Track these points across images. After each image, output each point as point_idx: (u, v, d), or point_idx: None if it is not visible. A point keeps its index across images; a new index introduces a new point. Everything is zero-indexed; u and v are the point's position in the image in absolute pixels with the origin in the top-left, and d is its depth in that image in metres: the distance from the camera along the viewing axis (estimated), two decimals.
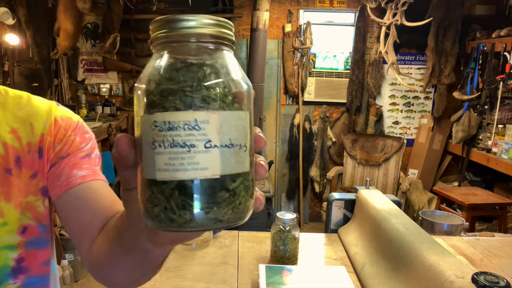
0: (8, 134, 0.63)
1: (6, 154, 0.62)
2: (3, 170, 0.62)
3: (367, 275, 1.21)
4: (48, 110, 0.68)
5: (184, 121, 0.33)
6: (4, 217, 0.61)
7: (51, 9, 3.61)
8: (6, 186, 0.62)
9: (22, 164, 0.64)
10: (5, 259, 0.62)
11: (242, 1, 3.89)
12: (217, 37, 0.35)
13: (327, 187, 3.99)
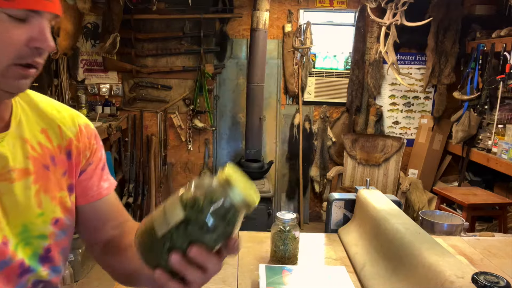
0: (40, 133, 0.69)
1: (42, 152, 0.68)
2: (42, 166, 0.68)
3: (367, 275, 1.21)
4: (72, 117, 0.75)
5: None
6: (42, 208, 0.67)
7: None
8: (45, 180, 0.68)
9: (56, 163, 0.70)
10: (36, 247, 0.67)
11: (242, 1, 3.88)
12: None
13: (327, 187, 3.99)
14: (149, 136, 4.03)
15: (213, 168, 4.16)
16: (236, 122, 4.11)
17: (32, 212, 0.66)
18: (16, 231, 0.64)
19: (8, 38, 0.54)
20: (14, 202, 0.64)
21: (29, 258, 0.66)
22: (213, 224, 0.49)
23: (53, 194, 0.69)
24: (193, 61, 3.93)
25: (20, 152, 0.65)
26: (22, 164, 0.65)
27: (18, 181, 0.64)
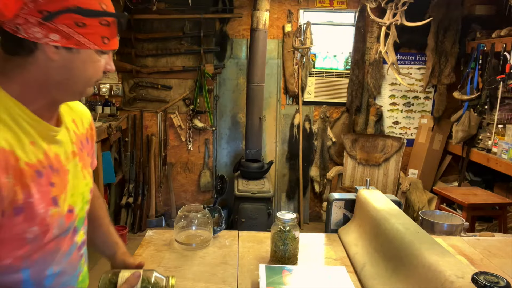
0: (72, 123, 0.89)
1: (77, 138, 0.89)
2: (79, 148, 0.89)
3: (367, 275, 1.21)
4: (85, 111, 0.98)
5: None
6: (86, 180, 0.90)
7: None
8: (82, 159, 0.90)
9: (84, 146, 0.92)
10: (84, 212, 0.89)
11: (242, 1, 3.88)
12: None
13: (327, 187, 3.99)
14: (149, 136, 4.03)
15: (213, 167, 4.16)
16: (236, 122, 4.11)
17: (82, 183, 0.88)
18: (79, 200, 0.85)
19: (99, 66, 0.79)
20: (73, 177, 0.85)
21: (78, 220, 0.86)
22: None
23: (87, 169, 0.92)
24: (193, 61, 3.93)
25: (68, 138, 0.85)
26: (71, 147, 0.86)
27: (74, 158, 0.86)
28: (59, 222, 0.78)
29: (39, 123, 0.76)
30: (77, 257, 0.88)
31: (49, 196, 0.76)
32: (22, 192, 0.70)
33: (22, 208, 0.70)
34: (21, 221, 0.71)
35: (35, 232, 0.73)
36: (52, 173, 0.77)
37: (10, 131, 0.70)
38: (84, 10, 0.71)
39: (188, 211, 1.48)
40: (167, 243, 1.45)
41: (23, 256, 0.73)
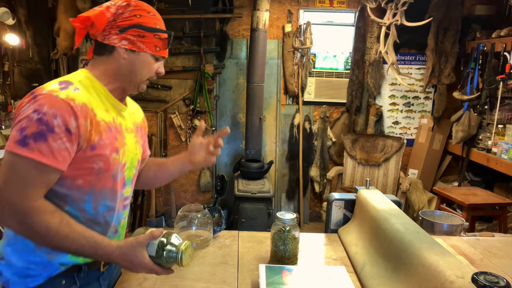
0: (132, 114, 1.24)
1: (136, 122, 1.24)
2: (136, 129, 1.23)
3: (367, 275, 1.21)
4: (141, 110, 1.33)
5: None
6: (137, 150, 1.21)
7: (51, 9, 3.61)
8: (137, 138, 1.22)
9: (138, 131, 1.24)
10: (132, 173, 1.20)
11: (242, 1, 3.89)
12: None
13: (327, 187, 3.99)
14: (149, 136, 4.03)
15: (213, 167, 4.16)
16: (236, 122, 4.11)
17: (133, 152, 1.19)
18: (129, 160, 1.16)
19: (152, 68, 1.13)
20: (130, 144, 1.17)
21: (127, 178, 1.18)
22: (164, 259, 1.00)
23: (139, 145, 1.23)
24: (193, 61, 3.93)
25: (130, 119, 1.20)
26: (131, 125, 1.20)
27: (131, 133, 1.18)
28: (117, 167, 1.10)
29: (112, 99, 1.11)
30: (121, 205, 1.17)
31: (114, 146, 1.08)
32: (97, 136, 1.02)
33: (95, 146, 1.02)
34: (93, 155, 1.02)
35: (100, 165, 1.04)
36: (117, 132, 1.11)
37: (93, 98, 1.05)
38: (143, 26, 1.10)
39: (188, 211, 1.48)
40: None
41: (90, 182, 1.04)
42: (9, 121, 3.09)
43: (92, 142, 1.01)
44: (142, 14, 1.11)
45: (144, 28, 1.09)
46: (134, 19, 1.09)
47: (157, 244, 1.00)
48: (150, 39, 1.10)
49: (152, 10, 1.15)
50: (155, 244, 1.00)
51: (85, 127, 0.98)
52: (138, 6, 1.12)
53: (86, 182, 1.03)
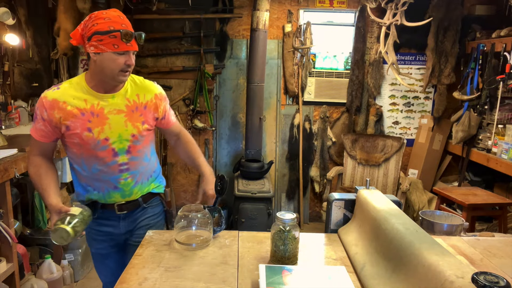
0: (135, 95, 1.53)
1: (132, 103, 1.52)
2: (130, 110, 1.51)
3: (367, 275, 1.21)
4: (152, 88, 1.59)
5: None
6: (127, 128, 1.50)
7: (51, 9, 3.61)
8: (130, 116, 1.51)
9: (138, 109, 1.53)
10: (124, 145, 1.51)
11: (242, 1, 3.88)
12: None
13: (327, 187, 3.99)
14: None
15: (213, 167, 4.16)
16: (236, 122, 4.11)
17: (122, 129, 1.48)
18: (115, 136, 1.48)
19: (119, 62, 1.40)
20: (115, 123, 1.47)
21: (118, 149, 1.50)
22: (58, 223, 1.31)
23: (133, 123, 1.50)
24: (193, 61, 3.93)
25: (122, 102, 1.49)
26: (122, 107, 1.49)
27: (118, 114, 1.48)
28: (94, 142, 1.45)
29: (91, 91, 1.46)
30: (116, 168, 1.52)
31: (85, 126, 1.44)
32: (69, 120, 1.43)
33: (69, 128, 1.44)
34: (70, 133, 1.45)
35: (78, 141, 1.46)
36: (92, 115, 1.44)
37: (75, 92, 1.45)
38: (100, 32, 1.36)
39: (188, 211, 1.48)
40: (167, 243, 1.45)
41: (78, 151, 1.49)
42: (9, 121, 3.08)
43: (66, 124, 1.43)
44: (98, 22, 1.36)
45: (100, 33, 1.36)
46: (93, 28, 1.36)
47: (63, 216, 1.35)
48: (107, 40, 1.36)
49: (108, 15, 1.38)
50: (62, 215, 1.35)
51: (53, 115, 1.42)
52: (95, 16, 1.38)
53: (76, 150, 1.49)
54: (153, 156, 1.69)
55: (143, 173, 1.61)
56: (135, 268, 1.27)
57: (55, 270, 2.64)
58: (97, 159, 1.48)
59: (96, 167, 1.50)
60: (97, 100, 1.45)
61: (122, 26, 1.38)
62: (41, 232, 2.80)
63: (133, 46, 1.41)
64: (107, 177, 1.52)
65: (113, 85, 1.47)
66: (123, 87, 1.51)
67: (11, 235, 2.23)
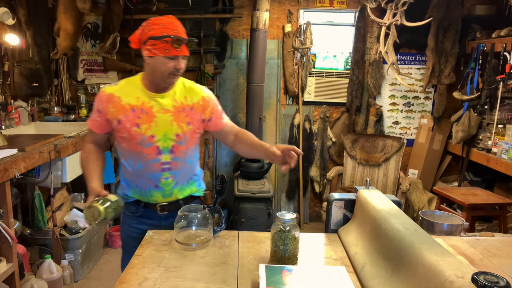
0: (183, 97, 1.60)
1: (180, 104, 1.59)
2: (177, 110, 1.57)
3: (367, 275, 1.21)
4: (200, 91, 1.64)
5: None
6: (172, 127, 1.57)
7: (51, 9, 3.61)
8: (176, 116, 1.58)
9: (184, 110, 1.59)
10: (168, 144, 1.57)
11: (242, 1, 3.89)
12: None
13: (327, 187, 3.99)
14: None
15: (213, 167, 4.16)
16: (236, 122, 4.04)
17: (167, 128, 1.56)
18: (160, 134, 1.55)
19: (168, 66, 1.49)
20: (161, 122, 1.55)
21: (162, 147, 1.56)
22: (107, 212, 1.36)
23: (178, 123, 1.57)
24: (193, 61, 3.93)
25: (170, 103, 1.57)
26: (169, 107, 1.57)
27: (165, 114, 1.56)
28: (141, 138, 1.54)
29: (144, 90, 1.57)
30: (158, 167, 1.58)
31: (134, 122, 1.53)
32: (121, 115, 1.53)
33: (121, 121, 1.54)
34: (120, 127, 1.54)
35: (127, 136, 1.55)
36: (142, 112, 1.54)
37: (129, 89, 1.57)
38: (154, 37, 1.46)
39: (188, 211, 1.48)
40: (167, 243, 1.45)
41: (127, 146, 1.57)
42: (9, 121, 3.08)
43: (118, 118, 1.54)
44: (153, 28, 1.47)
45: (154, 38, 1.46)
46: (148, 33, 1.47)
47: (99, 198, 1.41)
48: (159, 45, 1.46)
49: (162, 22, 1.48)
50: (99, 197, 1.43)
51: (108, 108, 1.54)
52: (152, 22, 1.49)
53: (125, 145, 1.58)
54: (195, 160, 1.72)
55: (184, 175, 1.65)
56: (135, 268, 1.27)
57: (55, 270, 2.64)
58: (142, 155, 1.56)
59: (140, 163, 1.57)
60: (148, 98, 1.55)
61: (174, 32, 1.46)
62: (41, 232, 2.80)
63: (183, 51, 1.49)
64: (149, 175, 1.58)
65: (163, 86, 1.55)
66: (172, 89, 1.58)
67: (11, 235, 2.23)
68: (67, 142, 2.76)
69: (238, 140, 1.71)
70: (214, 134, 1.73)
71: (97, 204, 1.34)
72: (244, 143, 1.69)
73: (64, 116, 3.59)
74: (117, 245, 3.50)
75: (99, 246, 3.31)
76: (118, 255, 3.39)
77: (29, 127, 3.27)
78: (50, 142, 2.67)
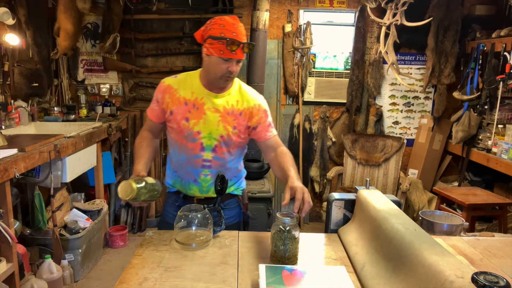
0: (235, 100, 1.62)
1: (230, 107, 1.61)
2: (227, 112, 1.60)
3: (367, 275, 1.21)
4: (253, 99, 1.65)
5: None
6: (218, 127, 1.60)
7: (51, 9, 3.61)
8: (224, 118, 1.60)
9: (233, 114, 1.61)
10: (211, 142, 1.61)
11: (242, 1, 3.89)
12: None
13: (327, 187, 3.99)
14: None
15: None
16: None
17: (213, 127, 1.59)
18: (206, 131, 1.59)
19: (222, 67, 1.50)
20: (209, 120, 1.58)
21: (206, 145, 1.61)
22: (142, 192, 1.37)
23: (224, 125, 1.59)
24: (193, 61, 3.93)
25: (221, 104, 1.60)
26: (219, 108, 1.59)
27: (214, 113, 1.59)
28: (188, 132, 1.59)
29: (200, 86, 1.61)
30: (199, 163, 1.63)
31: (184, 115, 1.59)
32: (174, 106, 1.60)
33: (173, 112, 1.60)
34: (171, 118, 1.61)
35: (175, 126, 1.61)
36: (193, 107, 1.59)
37: (187, 83, 1.62)
38: (212, 37, 1.47)
39: (188, 211, 1.48)
40: (167, 243, 1.45)
41: (175, 137, 1.64)
42: (9, 121, 3.08)
43: (170, 109, 1.60)
44: (214, 27, 1.49)
45: (212, 38, 1.47)
46: (209, 32, 1.49)
47: (137, 178, 1.43)
48: (216, 45, 1.47)
49: (223, 22, 1.49)
50: (137, 177, 1.45)
51: (164, 98, 1.62)
52: (214, 21, 1.51)
53: (173, 136, 1.65)
54: (238, 164, 1.75)
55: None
56: (135, 268, 1.27)
57: (55, 270, 2.64)
58: (186, 149, 1.62)
59: (184, 156, 1.64)
60: (202, 95, 1.59)
61: (232, 35, 1.46)
62: (41, 232, 2.80)
63: (237, 54, 1.48)
64: (190, 169, 1.64)
65: (217, 86, 1.58)
66: (227, 91, 1.61)
67: (11, 235, 2.23)
68: (67, 142, 2.76)
69: (275, 160, 1.63)
70: (258, 145, 1.71)
71: (132, 181, 1.35)
72: (277, 164, 1.61)
73: (64, 116, 3.60)
74: (117, 245, 3.50)
75: (99, 246, 3.31)
76: (118, 255, 3.40)
77: (29, 127, 3.27)
78: (50, 142, 2.67)
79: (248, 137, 1.68)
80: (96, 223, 3.10)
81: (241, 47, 1.48)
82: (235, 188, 1.76)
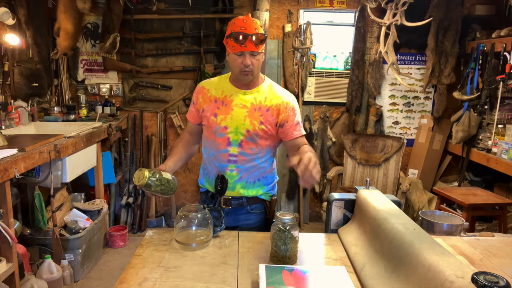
0: (263, 97, 1.65)
1: (258, 104, 1.64)
2: (253, 108, 1.64)
3: (367, 275, 1.21)
4: (283, 97, 1.67)
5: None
6: (245, 122, 1.63)
7: (51, 9, 3.61)
8: (251, 113, 1.63)
9: (260, 109, 1.64)
10: (238, 137, 1.65)
11: (242, 1, 3.88)
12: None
13: (327, 187, 3.99)
14: (149, 136, 4.03)
15: None
16: None
17: (240, 122, 1.63)
18: (233, 126, 1.63)
19: (238, 62, 1.56)
20: (236, 116, 1.63)
21: (233, 140, 1.64)
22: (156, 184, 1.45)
23: (251, 120, 1.62)
24: (193, 61, 3.93)
25: (249, 100, 1.65)
26: (247, 104, 1.64)
27: (242, 109, 1.64)
28: (216, 127, 1.65)
29: (228, 84, 1.68)
30: (226, 157, 1.66)
31: (213, 111, 1.66)
32: (205, 104, 1.68)
33: (204, 110, 1.69)
34: (203, 115, 1.69)
35: (206, 124, 1.69)
36: (222, 104, 1.65)
37: (218, 83, 1.71)
38: (227, 36, 1.56)
39: (188, 211, 1.48)
40: (167, 243, 1.45)
41: (206, 133, 1.72)
42: (9, 121, 3.08)
43: (203, 108, 1.69)
44: (228, 28, 1.57)
45: (227, 37, 1.55)
46: (226, 32, 1.57)
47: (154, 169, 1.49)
48: (229, 43, 1.55)
49: (235, 20, 1.56)
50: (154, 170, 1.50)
51: (198, 99, 1.71)
52: (230, 22, 1.58)
53: (205, 133, 1.73)
54: (268, 164, 1.74)
55: (251, 173, 1.68)
56: (135, 268, 1.27)
57: (55, 270, 2.64)
58: (215, 144, 1.67)
59: (212, 151, 1.69)
60: (231, 93, 1.65)
61: (241, 29, 1.51)
62: (41, 232, 2.80)
63: (248, 46, 1.51)
64: (217, 163, 1.68)
65: (242, 83, 1.64)
66: (256, 88, 1.66)
67: (11, 235, 2.23)
68: (67, 142, 2.76)
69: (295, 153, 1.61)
70: (285, 146, 1.72)
71: (146, 170, 1.41)
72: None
73: (64, 116, 3.60)
74: (117, 245, 3.50)
75: (99, 246, 3.31)
76: (118, 255, 3.40)
77: (29, 127, 3.27)
78: (50, 142, 2.67)
79: (276, 136, 1.68)
80: (96, 223, 3.10)
81: (250, 38, 1.50)
82: (263, 192, 1.73)
